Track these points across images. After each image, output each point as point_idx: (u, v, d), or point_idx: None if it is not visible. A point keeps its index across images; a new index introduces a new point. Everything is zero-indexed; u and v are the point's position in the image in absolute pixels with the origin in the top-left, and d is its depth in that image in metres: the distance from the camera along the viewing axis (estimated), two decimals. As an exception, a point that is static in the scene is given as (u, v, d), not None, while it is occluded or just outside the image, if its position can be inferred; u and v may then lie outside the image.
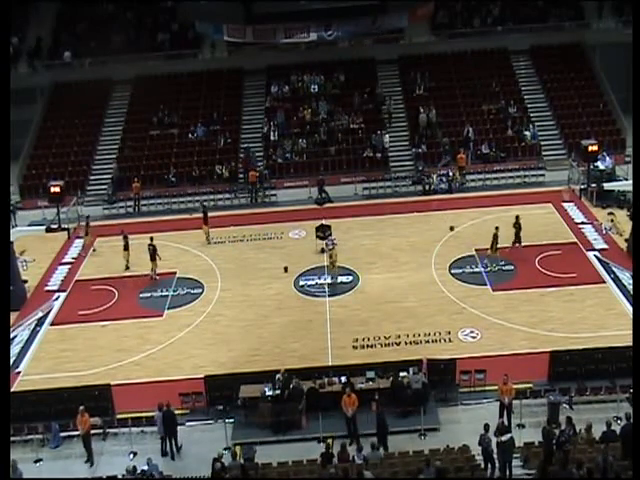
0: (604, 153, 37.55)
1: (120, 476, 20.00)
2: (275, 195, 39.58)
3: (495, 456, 19.28)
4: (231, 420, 22.50)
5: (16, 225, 35.79)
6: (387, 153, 41.33)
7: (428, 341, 26.09)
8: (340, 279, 30.40)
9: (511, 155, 40.98)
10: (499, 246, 30.54)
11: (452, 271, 30.55)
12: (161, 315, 29.11)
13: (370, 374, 23.06)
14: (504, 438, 19.26)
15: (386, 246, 33.10)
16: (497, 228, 30.65)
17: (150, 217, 38.08)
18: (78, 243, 35.43)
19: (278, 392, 22.41)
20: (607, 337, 24.90)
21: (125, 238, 32.30)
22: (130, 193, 39.42)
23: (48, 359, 26.73)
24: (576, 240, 32.37)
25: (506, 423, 20.66)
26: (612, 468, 17.47)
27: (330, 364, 24.79)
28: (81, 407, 21.65)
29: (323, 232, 32.70)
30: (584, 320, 26.62)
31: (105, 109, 45.33)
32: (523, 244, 31.51)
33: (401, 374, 22.81)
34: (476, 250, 31.79)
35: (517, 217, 31.40)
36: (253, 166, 40.39)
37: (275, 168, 41.21)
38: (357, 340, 26.40)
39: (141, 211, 39.02)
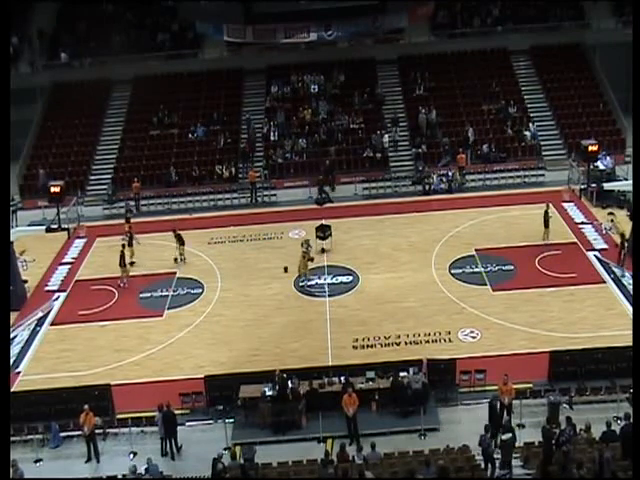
0: (604, 153, 37.57)
1: (120, 476, 20.00)
2: (275, 195, 39.58)
3: (495, 456, 19.29)
4: (231, 420, 22.51)
5: (16, 225, 35.85)
6: (387, 153, 41.32)
7: (428, 341, 26.09)
8: (340, 279, 30.42)
9: (511, 155, 40.98)
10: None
11: (452, 271, 30.55)
12: (161, 315, 29.11)
13: (370, 374, 23.06)
14: (504, 437, 19.27)
15: (386, 246, 33.10)
16: (548, 205, 31.87)
17: (150, 217, 38.08)
18: (78, 243, 35.48)
19: (276, 392, 22.43)
20: (607, 337, 24.90)
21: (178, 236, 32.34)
22: (130, 193, 39.44)
23: (48, 359, 26.73)
24: (576, 240, 32.38)
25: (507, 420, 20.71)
26: (609, 465, 17.46)
27: (330, 364, 24.78)
28: (86, 406, 21.68)
29: (323, 232, 32.71)
30: (584, 320, 26.62)
31: (105, 109, 45.33)
32: (523, 244, 31.61)
33: (401, 374, 22.82)
34: (476, 250, 31.80)
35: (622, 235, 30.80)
36: (253, 138, 41.23)
37: (275, 168, 41.23)
38: (357, 340, 26.39)
39: (141, 211, 39.01)
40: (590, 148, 35.87)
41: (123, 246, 31.83)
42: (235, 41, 35.35)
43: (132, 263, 32.20)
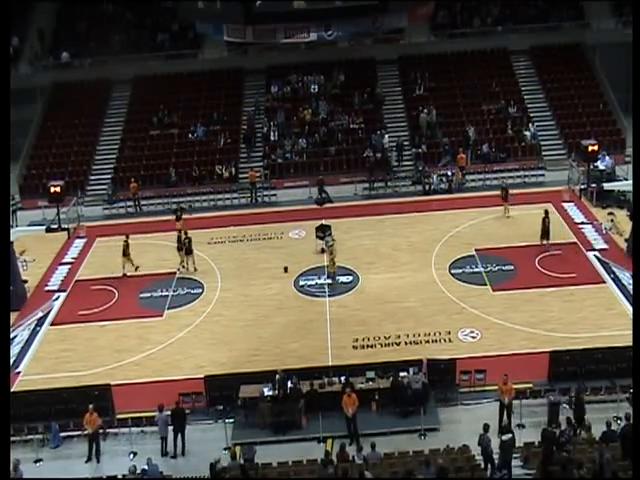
0: (604, 153, 37.57)
1: (120, 476, 20.00)
2: (275, 195, 39.58)
3: (495, 456, 19.29)
4: (231, 420, 22.52)
5: (16, 225, 35.86)
6: (387, 153, 41.29)
7: (428, 341, 26.09)
8: (340, 279, 30.42)
9: (511, 155, 40.98)
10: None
11: (452, 271, 30.54)
12: (161, 315, 29.11)
13: (370, 374, 23.07)
14: (504, 438, 19.28)
15: (386, 246, 33.09)
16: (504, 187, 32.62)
17: (150, 217, 38.06)
18: (78, 243, 35.47)
19: (277, 392, 22.44)
20: (607, 337, 24.90)
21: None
22: (129, 193, 39.42)
23: (48, 359, 26.72)
24: (576, 240, 32.38)
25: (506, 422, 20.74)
26: (609, 465, 17.47)
27: (330, 364, 24.78)
28: (90, 406, 21.74)
29: (323, 232, 32.71)
30: (584, 320, 26.62)
31: (105, 109, 45.31)
32: (523, 244, 31.68)
33: (401, 374, 22.83)
34: (476, 250, 31.80)
35: (546, 212, 31.81)
36: (253, 129, 41.93)
37: (275, 168, 41.22)
38: (357, 340, 26.39)
39: (142, 211, 38.99)
40: (590, 148, 35.92)
41: (186, 239, 31.90)
42: (235, 41, 35.33)
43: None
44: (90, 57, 45.72)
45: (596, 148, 36.11)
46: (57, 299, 30.71)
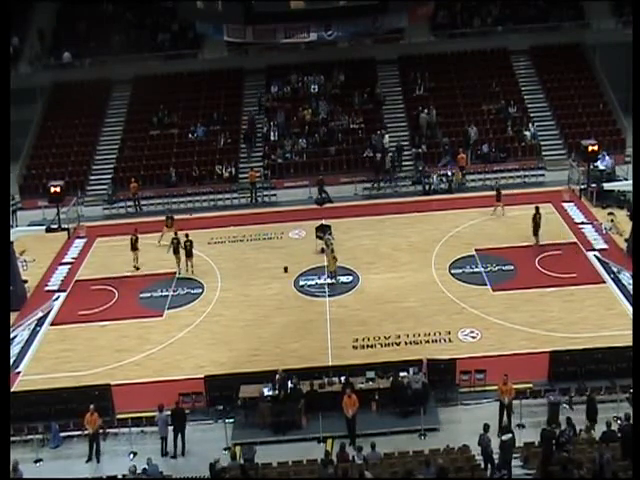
0: (604, 153, 37.58)
1: (120, 476, 20.00)
2: (275, 195, 39.58)
3: (495, 456, 19.30)
4: (231, 420, 22.52)
5: (16, 225, 35.86)
6: (387, 153, 41.26)
7: (428, 341, 26.10)
8: (340, 279, 30.40)
9: (511, 155, 40.98)
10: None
11: (452, 271, 30.55)
12: (161, 315, 29.11)
13: (370, 374, 23.07)
14: (505, 438, 19.29)
15: (386, 246, 33.09)
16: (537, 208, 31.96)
17: (150, 217, 38.03)
18: (78, 243, 35.48)
19: (277, 392, 22.45)
20: (607, 337, 24.90)
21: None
22: (129, 193, 39.42)
23: (48, 359, 26.73)
24: (576, 240, 32.38)
25: (506, 423, 20.74)
26: (609, 465, 17.47)
27: (330, 364, 24.79)
28: (91, 406, 21.76)
29: (323, 232, 32.71)
30: (584, 320, 26.62)
31: (105, 109, 45.32)
32: (523, 244, 31.68)
33: (401, 374, 22.84)
34: (476, 250, 31.81)
35: (537, 208, 31.92)
36: (253, 128, 42.15)
37: (275, 168, 41.22)
38: (357, 340, 26.39)
39: (142, 211, 39.00)
40: (590, 148, 35.93)
41: (187, 242, 31.73)
42: (235, 41, 35.33)
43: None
44: (90, 57, 45.74)
45: (596, 148, 36.14)
46: (57, 299, 30.72)
